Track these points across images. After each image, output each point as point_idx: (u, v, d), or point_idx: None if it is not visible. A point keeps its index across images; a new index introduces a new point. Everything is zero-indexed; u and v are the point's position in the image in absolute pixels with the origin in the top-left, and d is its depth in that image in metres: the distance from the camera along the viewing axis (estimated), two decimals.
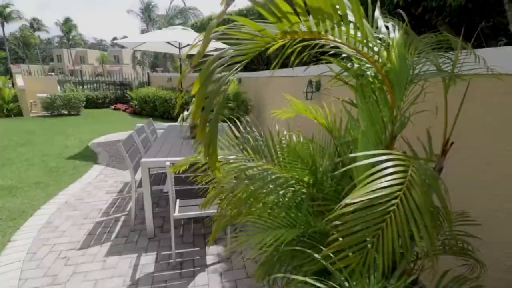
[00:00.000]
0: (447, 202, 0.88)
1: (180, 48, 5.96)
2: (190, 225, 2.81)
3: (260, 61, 8.98)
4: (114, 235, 2.60)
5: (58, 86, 11.48)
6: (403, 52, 1.06)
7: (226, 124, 1.57)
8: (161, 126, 6.14)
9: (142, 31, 26.30)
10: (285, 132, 1.44)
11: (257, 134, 1.53)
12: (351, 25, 0.77)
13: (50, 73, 27.48)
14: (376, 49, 0.96)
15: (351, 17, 0.73)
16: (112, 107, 12.35)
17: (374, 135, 1.08)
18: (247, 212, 1.16)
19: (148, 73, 14.34)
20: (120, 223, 2.80)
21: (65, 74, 23.80)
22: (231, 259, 2.31)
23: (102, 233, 2.61)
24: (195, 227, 2.77)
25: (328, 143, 1.47)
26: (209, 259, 2.30)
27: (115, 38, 70.06)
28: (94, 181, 3.89)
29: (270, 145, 1.35)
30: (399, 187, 0.82)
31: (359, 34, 0.82)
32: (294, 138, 1.42)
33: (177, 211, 2.19)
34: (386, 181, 0.81)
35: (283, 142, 1.39)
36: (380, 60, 1.00)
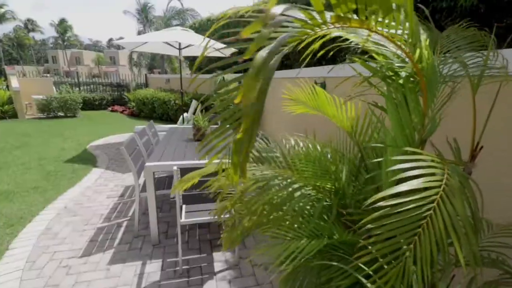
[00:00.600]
0: (478, 208, 0.83)
1: (180, 49, 5.88)
2: (195, 230, 2.73)
3: None
4: (117, 241, 2.51)
5: (54, 88, 11.34)
6: (430, 50, 1.01)
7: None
8: (161, 128, 6.05)
9: (139, 32, 26.10)
10: (301, 144, 1.38)
11: (265, 140, 1.47)
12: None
13: (45, 75, 27.13)
14: (406, 48, 0.90)
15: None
16: (109, 108, 12.22)
17: (403, 139, 1.02)
18: (266, 222, 1.10)
19: (146, 75, 14.21)
20: (122, 229, 2.71)
21: (60, 75, 23.54)
22: (239, 265, 2.24)
23: (104, 240, 2.52)
24: (200, 233, 2.69)
25: (346, 146, 1.41)
26: (217, 266, 2.23)
27: (111, 39, 69.54)
28: (93, 185, 3.79)
29: (286, 153, 1.29)
30: (436, 190, 0.77)
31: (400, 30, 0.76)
32: (310, 145, 1.36)
33: (184, 217, 2.12)
34: (420, 183, 0.76)
35: (299, 149, 1.33)
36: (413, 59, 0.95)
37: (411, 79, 0.96)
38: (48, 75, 28.24)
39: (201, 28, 9.58)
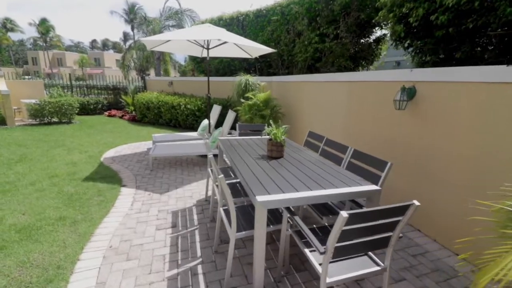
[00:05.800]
0: None
1: (208, 48, 5.24)
2: (293, 275, 2.12)
3: (279, 65, 8.40)
4: None
5: (45, 91, 10.30)
6: None
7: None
8: (187, 136, 5.44)
9: (125, 34, 24.83)
10: None
11: None
12: None
13: (24, 76, 25.24)
14: None
15: None
16: (106, 113, 11.26)
17: None
18: None
19: (144, 77, 13.28)
20: (201, 278, 2.06)
21: (42, 77, 21.88)
22: None
23: None
24: (304, 279, 2.09)
25: None
26: None
27: (94, 41, 66.84)
28: (132, 212, 3.07)
29: None
30: None
31: None
32: None
33: (328, 275, 1.51)
34: None
35: None
36: None
37: None
38: (27, 77, 26.33)
39: None
